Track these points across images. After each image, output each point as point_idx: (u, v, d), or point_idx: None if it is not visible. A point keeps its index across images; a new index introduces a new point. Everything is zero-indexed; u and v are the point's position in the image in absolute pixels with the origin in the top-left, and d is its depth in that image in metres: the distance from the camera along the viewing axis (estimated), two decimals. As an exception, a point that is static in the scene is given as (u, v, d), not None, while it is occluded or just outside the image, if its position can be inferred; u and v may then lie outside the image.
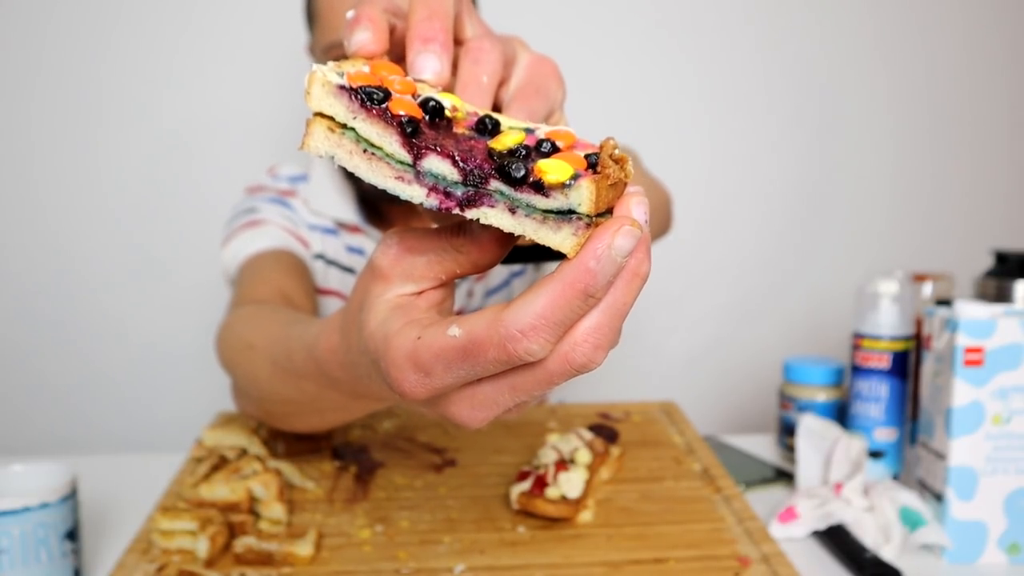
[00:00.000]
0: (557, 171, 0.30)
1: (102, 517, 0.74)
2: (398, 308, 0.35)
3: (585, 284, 0.30)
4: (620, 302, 0.31)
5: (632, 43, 1.57)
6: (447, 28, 0.37)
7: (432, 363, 0.32)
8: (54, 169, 1.49)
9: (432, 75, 0.36)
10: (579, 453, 0.66)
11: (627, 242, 0.30)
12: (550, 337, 0.31)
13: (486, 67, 0.38)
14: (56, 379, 1.53)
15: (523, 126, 0.34)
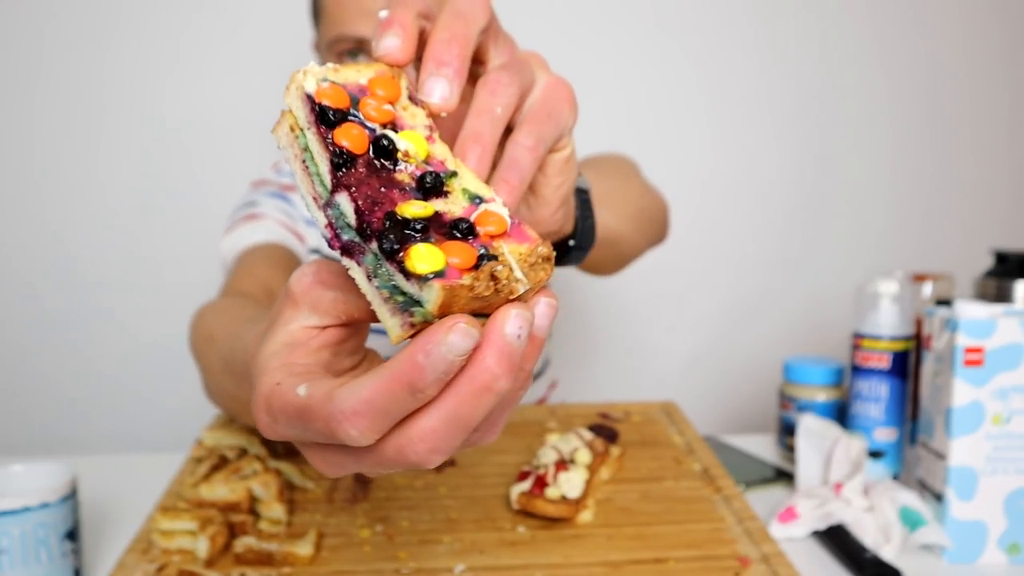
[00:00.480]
0: (425, 260, 0.29)
1: (102, 517, 0.74)
2: (289, 344, 0.34)
3: (411, 378, 0.28)
4: (463, 414, 0.30)
5: (631, 44, 1.57)
6: (464, 55, 0.36)
7: (278, 413, 0.32)
8: (54, 169, 1.49)
9: (439, 100, 0.35)
10: (579, 453, 0.66)
11: (462, 341, 0.28)
12: (372, 426, 0.29)
13: (501, 99, 0.37)
14: (56, 379, 1.53)
15: (477, 192, 0.32)
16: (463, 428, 0.30)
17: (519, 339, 0.29)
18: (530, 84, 0.40)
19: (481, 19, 0.38)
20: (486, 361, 0.29)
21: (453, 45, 0.36)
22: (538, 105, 0.40)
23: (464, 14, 0.37)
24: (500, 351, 0.29)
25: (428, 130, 0.34)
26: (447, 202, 0.31)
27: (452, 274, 0.29)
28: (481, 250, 0.30)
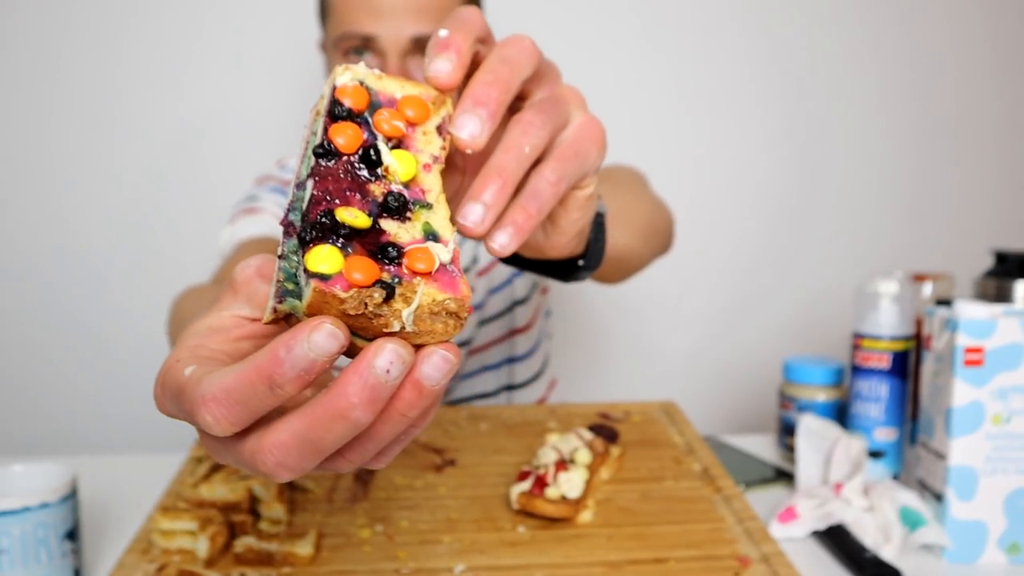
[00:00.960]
0: (321, 260, 0.29)
1: (102, 517, 0.74)
2: (213, 328, 0.35)
3: (271, 371, 0.28)
4: (314, 435, 0.29)
5: (627, 45, 1.57)
6: (503, 100, 0.36)
7: (165, 388, 0.32)
8: (55, 169, 1.49)
9: (468, 137, 0.34)
10: (579, 453, 0.66)
11: (325, 341, 0.28)
12: (228, 415, 0.29)
13: (531, 139, 0.37)
14: (56, 379, 1.53)
15: (437, 230, 0.32)
16: (313, 450, 0.30)
17: (387, 374, 0.28)
18: (563, 124, 0.41)
19: (527, 68, 0.38)
20: (346, 387, 0.28)
21: (494, 89, 0.36)
22: (568, 143, 0.40)
23: (511, 60, 0.37)
24: (363, 380, 0.28)
25: (432, 160, 0.34)
26: (401, 227, 0.31)
27: (338, 282, 0.29)
28: (392, 278, 0.30)
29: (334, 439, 0.29)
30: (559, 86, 0.42)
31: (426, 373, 0.30)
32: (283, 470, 0.30)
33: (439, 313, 0.30)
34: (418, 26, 0.87)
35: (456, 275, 0.31)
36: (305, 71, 1.49)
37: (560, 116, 0.40)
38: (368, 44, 0.89)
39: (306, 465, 0.30)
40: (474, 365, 1.10)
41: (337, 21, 0.90)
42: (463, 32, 0.36)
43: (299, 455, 0.30)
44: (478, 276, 1.09)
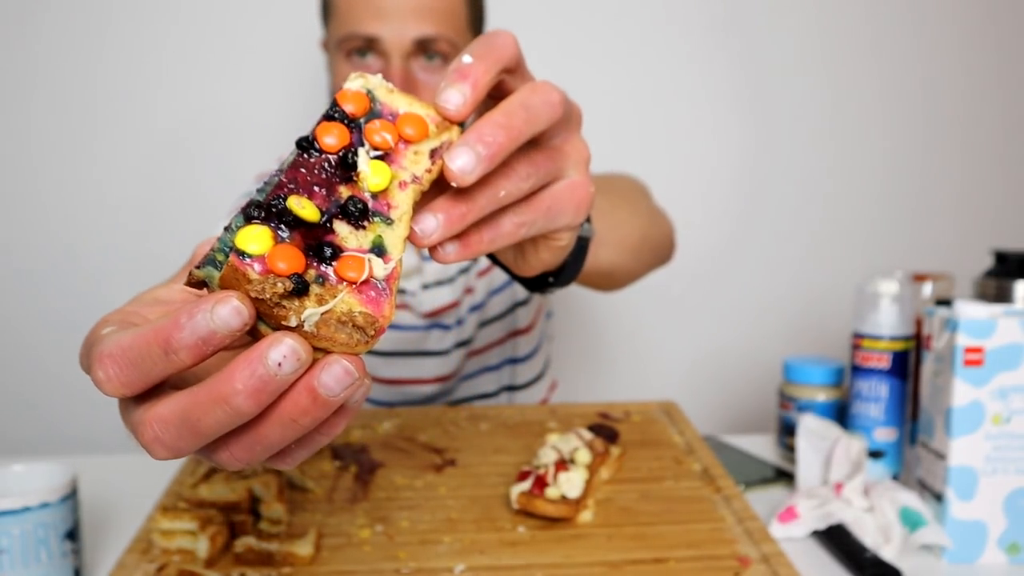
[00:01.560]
0: (248, 239, 0.29)
1: (102, 517, 0.74)
2: (159, 298, 0.35)
3: (169, 335, 0.28)
4: (193, 415, 0.29)
5: (630, 45, 1.57)
6: (506, 147, 0.34)
7: (84, 344, 0.32)
8: (54, 169, 1.49)
9: (456, 171, 0.33)
10: (579, 453, 0.66)
11: (227, 313, 0.28)
12: (119, 374, 0.29)
13: (511, 187, 0.36)
14: (57, 379, 1.53)
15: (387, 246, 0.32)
16: (191, 431, 0.29)
17: (279, 368, 0.28)
18: (554, 179, 0.40)
19: (544, 122, 0.37)
20: (233, 372, 0.28)
21: (502, 133, 0.34)
22: (546, 197, 0.39)
23: (531, 109, 0.36)
24: (251, 368, 0.28)
25: (412, 180, 0.33)
26: (353, 233, 0.31)
27: (257, 263, 0.29)
28: (316, 277, 0.30)
29: (213, 423, 0.29)
30: (572, 137, 0.41)
31: (323, 380, 0.29)
32: (159, 445, 0.30)
33: (346, 323, 0.29)
34: (421, 28, 0.87)
35: (385, 294, 0.30)
36: (303, 70, 1.49)
37: (552, 172, 0.39)
38: (371, 45, 0.89)
39: (183, 446, 0.30)
40: (475, 366, 1.10)
41: (340, 22, 0.90)
42: (486, 62, 0.35)
43: (177, 433, 0.29)
44: (478, 276, 1.09)
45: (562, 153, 0.40)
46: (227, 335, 0.28)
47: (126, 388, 0.30)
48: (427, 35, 0.88)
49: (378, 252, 0.31)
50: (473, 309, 1.07)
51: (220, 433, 0.30)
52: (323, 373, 0.29)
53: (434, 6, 0.88)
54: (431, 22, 0.88)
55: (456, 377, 1.09)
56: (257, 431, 0.30)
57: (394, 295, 0.31)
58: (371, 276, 0.30)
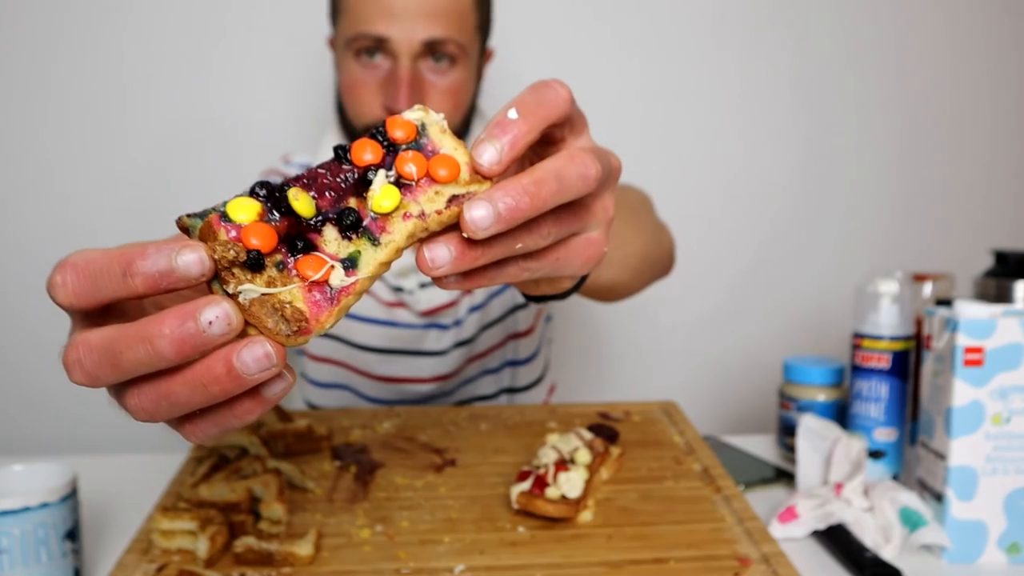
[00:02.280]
0: (236, 209, 0.31)
1: (102, 517, 0.74)
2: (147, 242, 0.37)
3: (132, 258, 0.30)
4: (116, 347, 0.30)
5: (634, 45, 1.57)
6: (527, 213, 0.33)
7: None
8: (55, 169, 1.49)
9: (471, 220, 0.32)
10: (579, 453, 0.66)
11: (188, 255, 0.30)
12: (75, 283, 0.31)
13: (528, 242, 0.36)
14: (56, 379, 1.53)
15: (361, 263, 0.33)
16: (110, 362, 0.30)
17: (209, 326, 0.29)
18: (573, 234, 0.39)
19: (576, 193, 0.36)
20: (166, 316, 0.30)
21: (526, 200, 0.33)
22: (560, 250, 0.39)
23: (563, 181, 0.35)
24: (183, 318, 0.29)
25: (419, 215, 0.33)
26: (337, 240, 0.33)
27: (233, 230, 0.31)
28: (277, 263, 0.31)
29: (133, 360, 0.30)
30: (602, 195, 0.40)
31: (242, 355, 0.30)
32: (78, 368, 0.31)
33: (278, 311, 0.31)
34: (431, 30, 0.88)
35: (330, 302, 0.32)
36: (305, 70, 1.49)
37: (574, 229, 0.39)
38: (380, 45, 0.89)
39: (99, 375, 0.31)
40: (475, 369, 1.10)
41: (350, 21, 0.91)
42: (530, 121, 0.34)
43: (98, 360, 0.31)
44: (464, 294, 1.08)
45: (589, 211, 0.39)
46: (183, 278, 0.30)
47: (75, 298, 0.31)
48: (436, 37, 0.88)
49: (348, 265, 0.32)
50: (473, 309, 1.06)
51: (136, 373, 0.31)
52: (244, 349, 0.30)
53: (443, 9, 0.89)
54: (440, 24, 0.88)
55: (455, 378, 1.09)
56: (168, 384, 0.31)
57: (341, 309, 0.32)
58: (326, 281, 0.32)
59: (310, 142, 1.39)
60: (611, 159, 0.40)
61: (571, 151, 0.36)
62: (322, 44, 1.21)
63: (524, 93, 0.36)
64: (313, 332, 0.31)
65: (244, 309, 0.31)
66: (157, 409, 0.32)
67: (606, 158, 0.39)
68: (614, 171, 0.41)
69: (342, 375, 1.08)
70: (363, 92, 0.92)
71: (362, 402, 1.09)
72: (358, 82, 0.92)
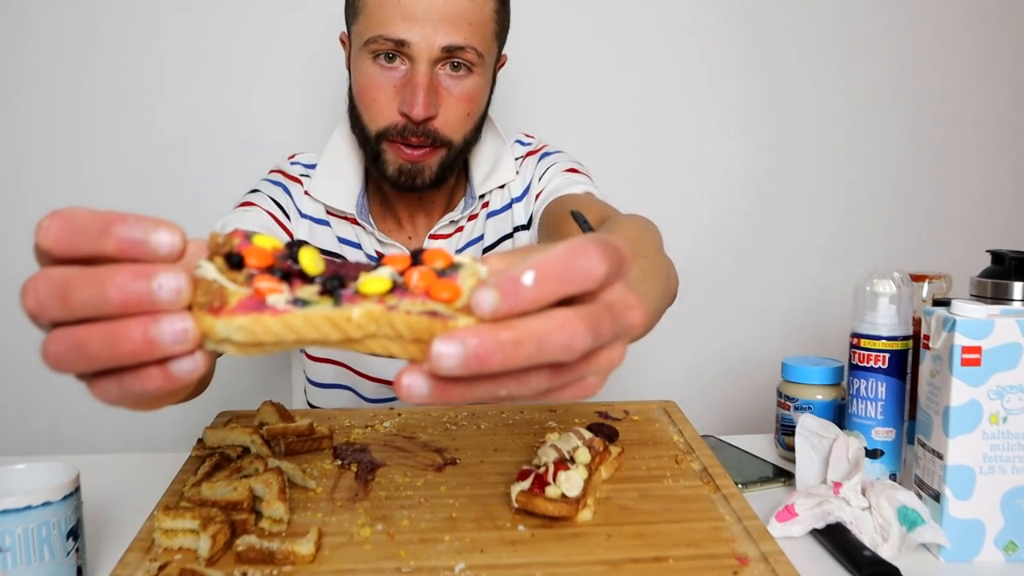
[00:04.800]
0: (263, 240, 0.35)
1: (104, 515, 0.74)
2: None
3: (112, 220, 0.32)
4: (72, 283, 0.31)
5: (633, 45, 1.57)
6: (495, 368, 0.31)
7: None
8: (55, 169, 1.49)
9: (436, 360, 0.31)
10: (579, 452, 0.67)
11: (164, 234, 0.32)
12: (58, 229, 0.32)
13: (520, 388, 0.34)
14: (58, 378, 1.53)
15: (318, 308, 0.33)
16: (60, 296, 0.31)
17: (158, 288, 0.31)
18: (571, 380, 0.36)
19: (554, 359, 0.33)
20: (123, 267, 0.31)
21: (497, 357, 0.31)
22: (549, 393, 0.36)
23: (546, 349, 0.32)
24: (139, 273, 0.31)
25: (389, 307, 0.33)
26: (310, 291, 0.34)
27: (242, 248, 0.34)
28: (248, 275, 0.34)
29: (80, 299, 0.31)
30: (612, 346, 0.36)
31: (162, 322, 0.31)
32: (31, 294, 0.32)
33: (214, 291, 0.33)
34: (451, 36, 0.87)
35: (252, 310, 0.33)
36: (314, 70, 1.50)
37: (569, 379, 0.36)
38: (399, 49, 0.88)
39: (47, 305, 0.32)
40: None
41: (369, 22, 0.90)
42: (542, 292, 0.32)
43: (51, 291, 0.32)
44: None
45: (590, 362, 0.36)
46: (150, 251, 0.32)
47: (55, 244, 0.32)
48: (456, 43, 0.88)
49: (297, 303, 0.33)
50: None
51: (79, 314, 0.32)
52: (166, 318, 0.31)
53: (465, 16, 0.88)
54: (462, 31, 0.88)
55: None
56: (84, 332, 0.32)
57: (253, 322, 0.32)
58: (265, 297, 0.33)
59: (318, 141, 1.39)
60: (626, 315, 0.36)
61: (563, 315, 0.32)
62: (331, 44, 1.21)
63: (557, 253, 0.33)
64: (220, 317, 0.32)
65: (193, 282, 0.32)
66: (67, 357, 0.32)
67: (617, 319, 0.35)
68: (625, 330, 0.36)
69: (342, 375, 1.09)
70: (379, 95, 0.91)
71: (362, 403, 1.09)
72: (374, 85, 0.91)
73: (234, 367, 1.49)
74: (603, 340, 0.35)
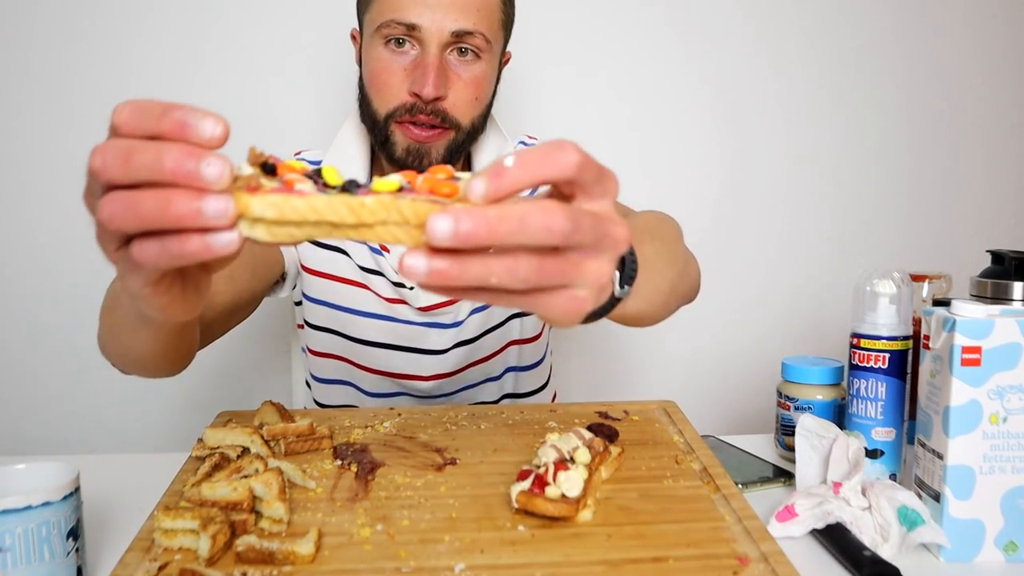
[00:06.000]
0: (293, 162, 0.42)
1: (104, 515, 0.74)
2: None
3: (172, 106, 0.37)
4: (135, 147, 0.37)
5: (634, 45, 1.57)
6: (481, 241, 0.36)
7: None
8: (55, 169, 1.49)
9: (430, 232, 0.36)
10: (579, 452, 0.66)
11: (209, 122, 0.37)
12: (131, 110, 0.37)
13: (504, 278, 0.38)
14: (58, 378, 1.53)
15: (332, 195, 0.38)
16: (123, 157, 0.36)
17: (208, 167, 0.36)
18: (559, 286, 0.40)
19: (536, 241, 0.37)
20: (180, 146, 0.36)
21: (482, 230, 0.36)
22: (541, 299, 0.40)
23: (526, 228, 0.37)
24: (190, 152, 0.36)
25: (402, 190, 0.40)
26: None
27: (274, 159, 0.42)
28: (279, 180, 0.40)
29: (139, 162, 0.36)
30: (597, 257, 0.41)
31: (208, 199, 0.36)
32: (98, 155, 0.37)
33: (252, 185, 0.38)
34: (460, 21, 0.91)
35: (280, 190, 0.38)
36: (322, 66, 1.50)
37: (559, 281, 0.40)
38: (411, 33, 0.91)
39: (112, 165, 0.37)
40: (477, 375, 1.11)
41: (382, 9, 0.93)
42: (525, 174, 0.38)
43: (115, 152, 0.37)
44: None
45: (578, 269, 0.40)
46: (196, 133, 0.36)
47: (123, 121, 0.37)
48: (465, 28, 0.91)
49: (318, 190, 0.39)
50: (475, 311, 1.07)
51: (135, 176, 0.36)
52: (211, 194, 0.36)
53: (474, 2, 0.92)
54: (471, 16, 0.91)
55: (456, 377, 1.09)
56: (140, 194, 0.36)
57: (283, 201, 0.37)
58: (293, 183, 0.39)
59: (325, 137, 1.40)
60: (609, 228, 0.40)
61: (546, 202, 0.37)
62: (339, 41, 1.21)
63: (537, 147, 0.39)
64: (255, 195, 0.37)
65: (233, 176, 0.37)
66: (121, 214, 0.37)
67: (599, 225, 0.40)
68: (609, 237, 0.41)
69: (343, 370, 1.09)
70: (390, 77, 0.94)
71: (363, 397, 1.09)
72: (386, 69, 0.94)
73: (234, 367, 1.49)
74: (583, 237, 0.39)
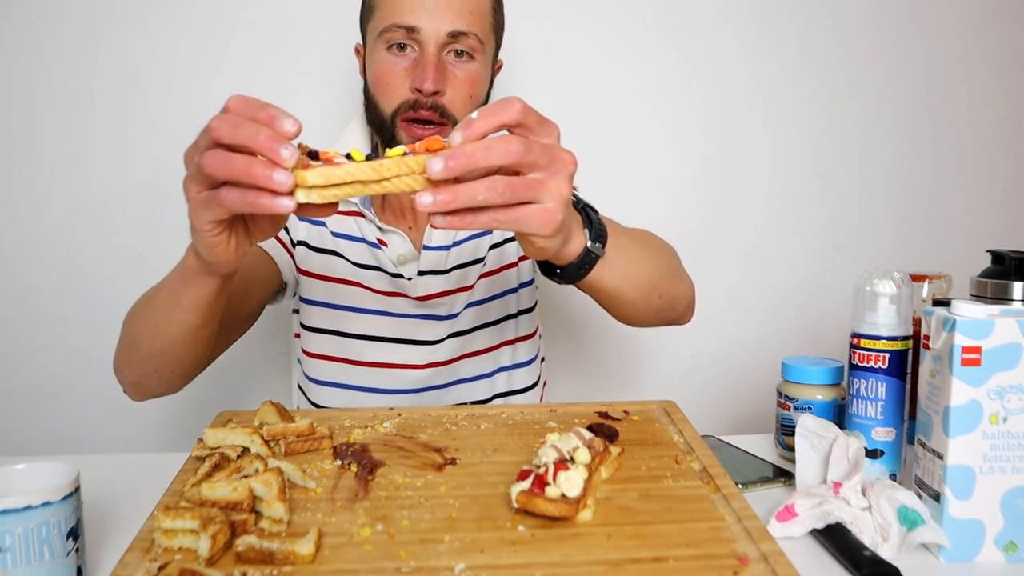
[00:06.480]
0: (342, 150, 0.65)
1: (104, 515, 0.74)
2: None
3: (266, 103, 0.59)
4: (240, 121, 0.58)
5: (629, 44, 1.57)
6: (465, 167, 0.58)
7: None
8: (55, 169, 1.49)
9: (430, 170, 0.58)
10: (579, 452, 0.66)
11: (288, 120, 0.58)
12: (242, 99, 0.59)
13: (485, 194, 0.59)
14: (59, 378, 1.53)
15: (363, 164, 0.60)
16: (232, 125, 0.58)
17: (287, 152, 0.56)
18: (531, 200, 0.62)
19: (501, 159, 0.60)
20: (270, 132, 0.57)
21: (463, 158, 0.58)
22: (520, 211, 0.62)
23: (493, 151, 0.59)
24: (276, 137, 0.56)
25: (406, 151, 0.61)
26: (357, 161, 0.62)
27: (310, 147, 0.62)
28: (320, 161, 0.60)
29: (243, 133, 0.57)
30: (555, 177, 0.62)
31: (280, 172, 0.56)
32: (216, 122, 0.58)
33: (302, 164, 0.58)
34: (456, 23, 1.00)
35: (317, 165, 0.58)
36: (328, 69, 1.49)
37: (529, 196, 0.61)
38: (410, 36, 0.99)
39: (223, 129, 0.57)
40: (469, 369, 1.11)
41: (383, 15, 1.00)
42: (487, 121, 0.59)
43: (229, 124, 0.57)
44: (480, 278, 1.10)
45: (543, 186, 0.61)
46: (279, 125, 0.57)
47: (235, 107, 0.59)
48: (459, 29, 0.99)
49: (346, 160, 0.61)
50: (470, 305, 1.08)
51: (235, 140, 0.57)
52: (281, 169, 0.56)
53: (467, 5, 1.00)
54: (464, 19, 1.00)
55: (448, 368, 1.11)
56: (234, 155, 0.57)
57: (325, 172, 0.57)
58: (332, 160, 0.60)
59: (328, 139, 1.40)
60: (557, 153, 0.62)
61: (503, 136, 0.59)
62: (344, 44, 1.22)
63: (489, 105, 0.60)
64: (308, 170, 0.56)
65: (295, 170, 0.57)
66: (219, 165, 0.57)
67: (548, 150, 0.61)
68: (558, 160, 0.62)
69: (338, 370, 1.10)
70: (392, 78, 1.02)
71: (356, 393, 1.10)
72: (388, 71, 1.02)
73: (234, 367, 1.49)
74: (536, 156, 0.60)
